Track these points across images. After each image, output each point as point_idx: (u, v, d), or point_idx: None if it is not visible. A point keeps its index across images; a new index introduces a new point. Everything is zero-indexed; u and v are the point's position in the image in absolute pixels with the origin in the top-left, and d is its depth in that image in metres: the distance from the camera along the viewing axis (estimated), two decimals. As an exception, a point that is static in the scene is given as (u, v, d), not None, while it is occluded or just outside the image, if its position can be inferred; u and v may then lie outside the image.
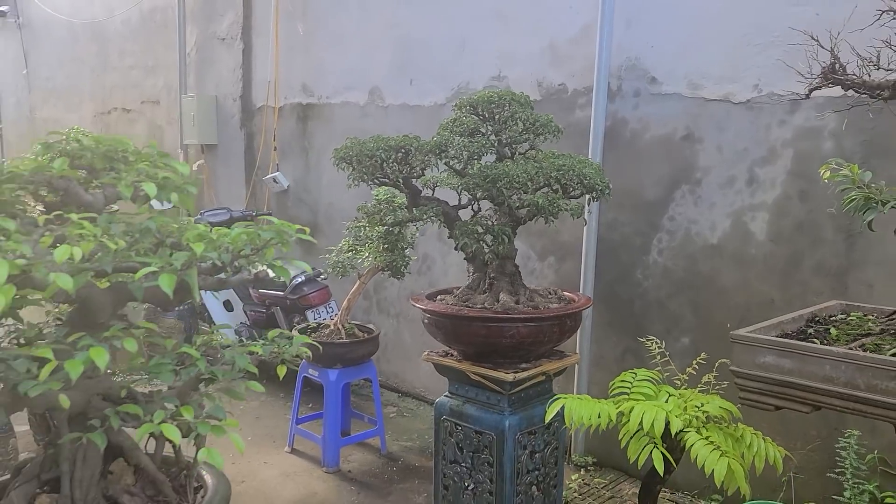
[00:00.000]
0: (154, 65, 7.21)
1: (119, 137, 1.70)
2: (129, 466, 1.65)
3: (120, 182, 1.58)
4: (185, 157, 6.72)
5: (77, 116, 8.63)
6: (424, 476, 3.82)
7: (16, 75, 10.14)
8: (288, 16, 5.51)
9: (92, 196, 1.62)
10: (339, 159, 2.75)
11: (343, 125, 5.22)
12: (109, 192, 1.65)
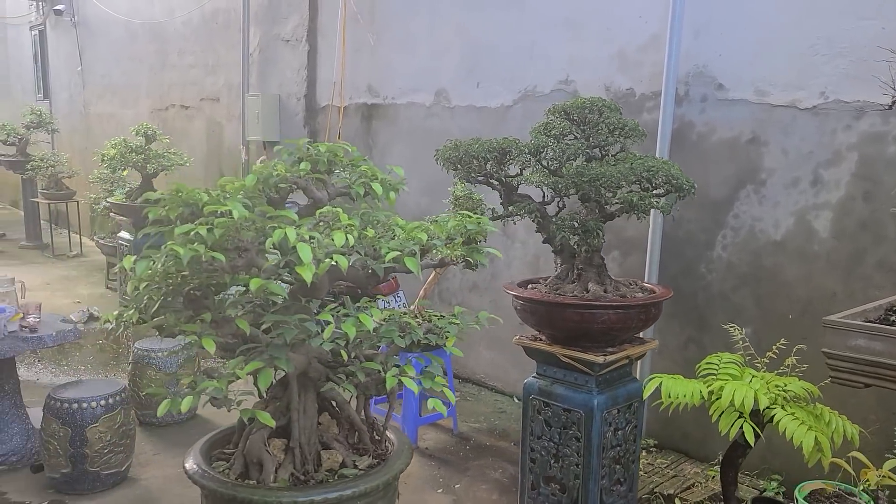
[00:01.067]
0: (215, 64, 7.51)
1: (336, 146, 1.97)
2: (333, 420, 1.93)
3: (353, 182, 1.85)
4: (247, 153, 7.02)
5: (133, 112, 8.97)
6: (496, 454, 4.09)
7: (69, 72, 10.50)
8: (354, 19, 5.78)
9: (321, 193, 1.90)
10: (444, 160, 3.01)
11: (408, 125, 5.50)
12: (331, 189, 1.92)
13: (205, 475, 1.85)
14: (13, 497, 3.49)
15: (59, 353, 5.61)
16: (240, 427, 1.94)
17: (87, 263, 9.08)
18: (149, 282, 1.71)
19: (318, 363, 1.85)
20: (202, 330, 1.62)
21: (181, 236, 1.55)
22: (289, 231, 1.52)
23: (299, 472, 1.85)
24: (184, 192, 1.67)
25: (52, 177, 9.09)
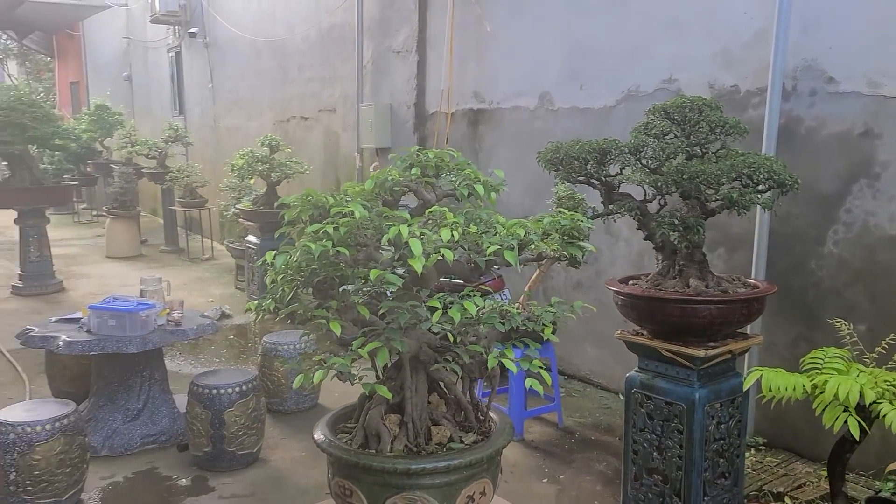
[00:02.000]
0: (331, 76, 7.97)
1: (443, 152, 2.19)
2: (441, 399, 2.15)
3: (458, 184, 2.07)
4: (361, 160, 7.41)
5: (258, 124, 9.63)
6: (601, 448, 4.18)
7: (201, 89, 11.39)
8: (461, 28, 6.02)
9: (430, 195, 2.12)
10: (545, 161, 3.16)
11: (513, 128, 5.67)
12: (439, 191, 2.15)
13: (331, 444, 2.10)
14: (163, 471, 3.93)
15: (196, 347, 6.17)
16: (360, 404, 2.19)
17: (218, 266, 9.81)
18: (284, 274, 1.98)
19: (427, 348, 2.06)
20: (329, 315, 1.87)
21: (311, 234, 1.80)
22: (402, 228, 1.73)
23: (412, 444, 2.06)
24: (313, 196, 1.92)
25: (187, 186, 9.91)
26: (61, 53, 19.67)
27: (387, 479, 1.97)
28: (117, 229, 10.26)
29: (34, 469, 3.34)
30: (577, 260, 4.37)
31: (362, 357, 1.95)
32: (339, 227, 1.81)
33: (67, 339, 3.93)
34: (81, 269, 9.45)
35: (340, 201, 1.89)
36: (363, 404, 2.16)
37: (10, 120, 7.29)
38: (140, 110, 14.40)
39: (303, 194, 2.00)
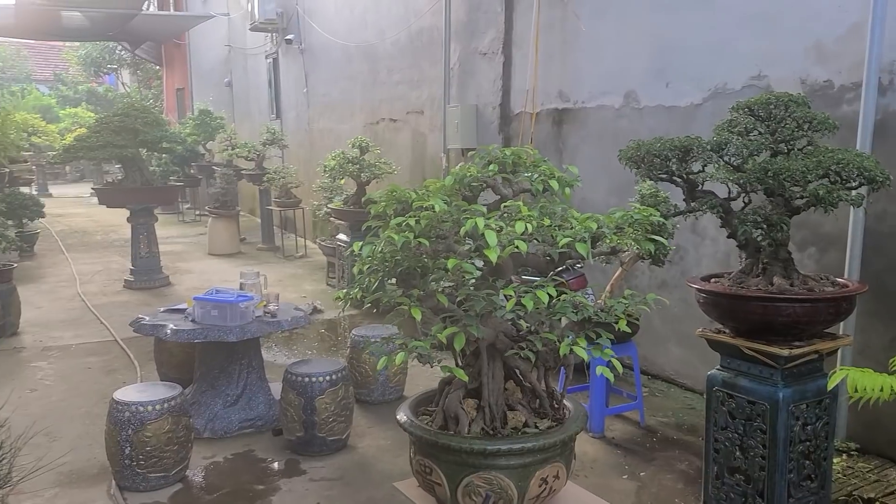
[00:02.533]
0: (419, 79, 8.18)
1: (519, 149, 2.30)
2: (517, 387, 2.26)
3: (534, 180, 2.17)
4: (447, 161, 7.57)
5: (349, 127, 9.97)
6: (683, 447, 4.16)
7: (297, 93, 11.87)
8: (546, 29, 6.07)
9: (507, 190, 2.24)
10: (627, 159, 3.19)
11: (597, 127, 5.68)
12: (516, 187, 2.26)
13: (413, 424, 2.23)
14: (259, 454, 4.19)
15: (289, 340, 6.48)
16: (440, 389, 2.32)
17: (311, 263, 10.21)
18: (370, 265, 2.12)
19: (504, 336, 2.16)
20: (411, 303, 2.00)
21: (395, 226, 1.93)
22: (478, 221, 1.84)
23: (488, 427, 2.17)
24: (397, 191, 2.06)
25: (282, 187, 10.36)
26: (168, 62, 20.89)
27: (464, 459, 2.08)
28: (218, 228, 10.84)
29: (146, 445, 3.65)
30: (660, 258, 4.37)
31: (442, 342, 2.07)
32: (420, 220, 1.93)
33: (174, 328, 4.25)
34: (185, 265, 10.04)
35: (422, 196, 2.01)
36: (443, 389, 2.29)
37: (125, 125, 7.87)
38: (240, 114, 15.13)
39: (388, 190, 2.14)
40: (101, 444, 3.89)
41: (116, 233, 12.74)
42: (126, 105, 8.15)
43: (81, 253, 10.90)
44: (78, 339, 6.47)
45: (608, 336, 2.23)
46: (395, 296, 2.09)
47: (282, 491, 3.75)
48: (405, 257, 2.06)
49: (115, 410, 3.68)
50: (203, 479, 3.89)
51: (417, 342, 2.01)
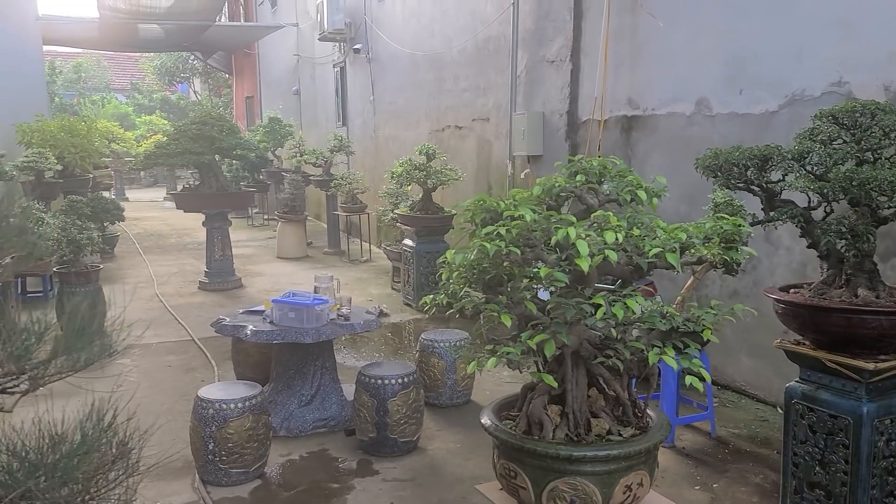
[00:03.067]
0: (485, 86, 8.25)
1: (605, 160, 2.34)
2: (600, 394, 2.30)
3: (621, 190, 2.22)
4: (513, 167, 7.62)
5: (414, 134, 10.11)
6: (757, 460, 4.09)
7: (363, 101, 12.11)
8: (615, 36, 6.06)
9: (593, 200, 2.29)
10: (704, 168, 3.18)
11: (667, 134, 5.63)
12: (601, 197, 2.30)
13: (498, 429, 2.29)
14: (333, 453, 4.31)
15: (355, 343, 6.62)
16: (522, 395, 2.37)
17: (375, 267, 10.38)
18: (458, 272, 2.19)
19: (588, 344, 2.20)
20: (500, 309, 2.05)
21: (485, 235, 2.00)
22: (570, 230, 1.89)
23: (572, 433, 2.21)
24: (485, 201, 2.12)
25: (349, 193, 10.58)
26: (238, 71, 21.56)
27: (550, 464, 2.12)
28: (287, 232, 11.14)
29: (228, 441, 3.80)
30: (734, 267, 4.31)
31: (532, 348, 2.12)
32: (511, 229, 1.99)
33: (254, 329, 4.41)
34: (256, 268, 10.35)
35: (509, 206, 2.07)
36: (525, 395, 2.34)
37: (202, 133, 8.19)
38: (307, 122, 15.50)
39: (475, 199, 2.21)
40: (183, 440, 4.06)
41: (189, 236, 13.22)
42: (203, 113, 8.48)
43: (157, 255, 11.35)
44: (157, 339, 6.76)
45: (696, 346, 2.24)
46: (481, 303, 2.15)
47: (356, 490, 3.85)
48: (492, 265, 2.12)
49: (199, 407, 3.85)
50: (280, 475, 4.03)
51: (508, 348, 2.07)
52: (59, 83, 23.87)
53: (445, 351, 4.99)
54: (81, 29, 16.25)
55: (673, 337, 2.20)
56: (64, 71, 24.68)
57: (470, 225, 2.20)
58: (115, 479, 1.41)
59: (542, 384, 2.11)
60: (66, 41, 18.33)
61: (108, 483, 1.38)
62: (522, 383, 5.41)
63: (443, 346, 5.00)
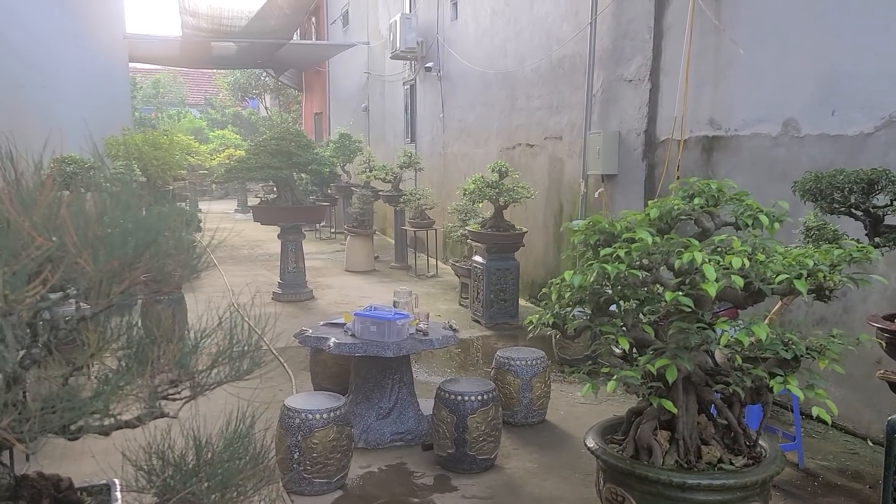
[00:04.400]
0: (559, 105, 8.25)
1: (723, 183, 2.33)
2: (709, 421, 2.27)
3: (740, 213, 2.20)
4: (586, 186, 7.58)
5: (484, 151, 10.17)
6: (849, 494, 3.94)
7: (432, 118, 12.26)
8: (697, 56, 5.99)
9: (709, 223, 2.28)
10: (803, 191, 3.12)
11: (751, 155, 5.53)
12: (717, 220, 2.29)
13: (605, 452, 2.28)
14: (411, 467, 4.35)
15: (425, 358, 6.66)
16: (627, 418, 2.35)
17: (442, 283, 10.45)
18: (571, 293, 2.20)
19: (699, 370, 2.18)
20: (616, 331, 2.06)
21: (604, 257, 2.01)
22: (696, 254, 1.88)
23: (682, 460, 2.18)
24: (599, 222, 2.13)
25: (417, 208, 10.69)
26: (308, 87, 22.11)
27: (660, 490, 2.10)
28: (356, 246, 11.32)
29: (312, 451, 3.88)
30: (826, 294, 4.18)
31: (652, 373, 2.11)
32: (630, 251, 2.00)
33: (336, 341, 4.50)
34: (325, 280, 10.54)
35: (624, 228, 2.08)
36: (630, 419, 2.32)
37: (280, 148, 8.43)
38: (375, 138, 15.76)
39: (589, 221, 2.22)
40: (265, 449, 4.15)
41: (261, 248, 13.56)
42: (282, 129, 8.73)
43: (231, 266, 11.67)
44: (235, 347, 6.92)
45: (819, 377, 2.19)
46: (594, 325, 2.16)
47: (436, 505, 3.87)
48: (604, 287, 2.12)
49: (286, 416, 3.94)
50: (361, 487, 4.08)
51: (628, 372, 2.06)
52: (139, 98, 24.93)
53: (522, 369, 4.98)
54: (163, 47, 16.97)
55: (794, 366, 2.15)
56: (144, 86, 25.77)
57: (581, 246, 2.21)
58: (254, 486, 1.47)
59: (651, 409, 2.10)
60: (149, 58, 19.16)
61: (247, 490, 1.44)
62: (595, 406, 5.37)
63: (519, 364, 4.99)
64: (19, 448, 1.12)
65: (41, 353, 1.20)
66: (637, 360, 2.07)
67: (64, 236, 1.03)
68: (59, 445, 4.34)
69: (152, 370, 1.33)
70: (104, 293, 1.15)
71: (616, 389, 4.53)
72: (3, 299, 0.97)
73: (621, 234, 2.06)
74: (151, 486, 1.35)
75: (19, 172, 1.17)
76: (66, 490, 1.43)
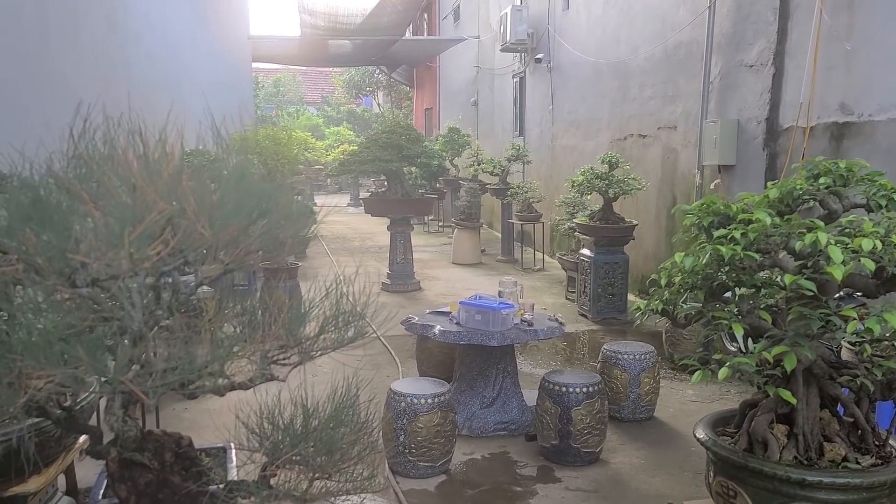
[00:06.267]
0: (673, 94, 7.96)
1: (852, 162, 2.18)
2: (832, 416, 2.14)
3: (872, 194, 2.06)
4: (701, 177, 7.28)
5: (594, 143, 9.97)
6: None
7: (541, 111, 12.15)
8: (827, 38, 5.61)
9: (836, 205, 2.15)
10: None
11: (888, 142, 5.12)
12: (846, 202, 2.15)
13: (716, 444, 2.19)
14: (513, 456, 4.34)
15: (529, 350, 6.62)
16: (740, 411, 2.24)
17: (548, 277, 10.34)
18: (681, 277, 2.12)
19: (822, 361, 2.04)
20: (731, 317, 1.96)
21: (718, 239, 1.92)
22: (820, 235, 1.76)
23: (802, 456, 2.05)
24: (714, 203, 2.04)
25: (524, 201, 10.64)
26: (419, 83, 22.45)
27: (777, 487, 1.99)
28: (463, 239, 11.40)
29: (417, 435, 3.94)
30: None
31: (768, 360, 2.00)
32: (747, 233, 1.89)
33: (441, 329, 4.55)
34: (432, 272, 10.68)
35: (740, 209, 1.97)
36: (744, 411, 2.21)
37: (391, 141, 8.61)
38: (483, 132, 15.80)
39: (702, 202, 2.12)
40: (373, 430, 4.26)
41: (371, 239, 13.92)
42: (392, 123, 8.91)
43: (342, 256, 12.05)
44: (346, 334, 7.15)
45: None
46: (706, 311, 2.06)
47: (539, 496, 3.85)
48: (723, 271, 2.02)
49: (392, 400, 4.03)
50: (464, 473, 4.12)
51: (742, 359, 1.96)
52: (261, 96, 26.18)
53: (629, 363, 4.85)
54: (283, 46, 17.73)
55: (930, 359, 1.97)
56: (265, 85, 27.01)
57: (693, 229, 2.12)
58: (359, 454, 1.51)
59: (767, 401, 1.98)
60: (270, 58, 20.07)
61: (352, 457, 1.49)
62: (707, 404, 5.15)
63: (627, 359, 4.87)
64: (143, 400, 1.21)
65: (164, 315, 1.30)
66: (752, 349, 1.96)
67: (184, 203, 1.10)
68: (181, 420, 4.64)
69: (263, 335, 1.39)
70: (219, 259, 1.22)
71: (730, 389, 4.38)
72: (129, 257, 1.05)
73: (737, 216, 1.95)
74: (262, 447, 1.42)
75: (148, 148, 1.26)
76: (186, 447, 1.53)
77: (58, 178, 1.22)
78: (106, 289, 1.14)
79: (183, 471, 1.46)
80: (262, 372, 1.44)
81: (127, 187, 1.10)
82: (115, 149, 1.21)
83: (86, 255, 1.05)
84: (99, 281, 1.13)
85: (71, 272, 1.11)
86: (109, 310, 1.18)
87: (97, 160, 1.18)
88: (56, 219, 1.09)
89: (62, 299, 1.17)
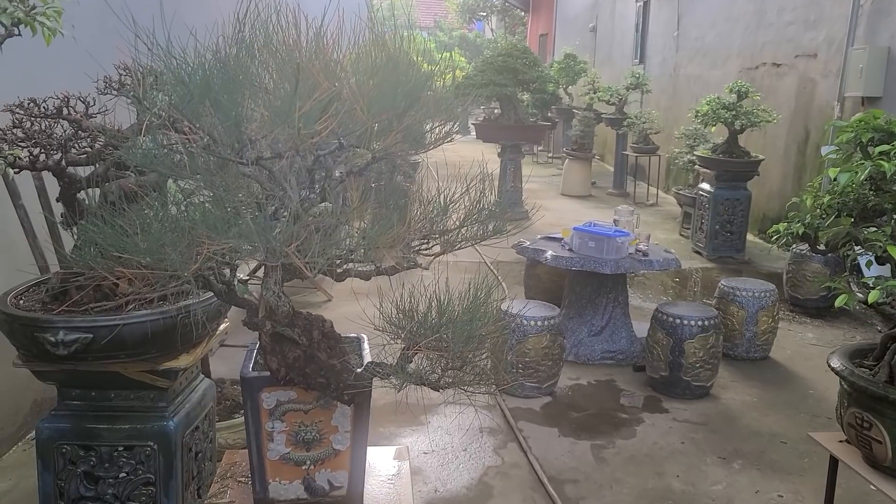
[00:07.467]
0: (816, 18, 7.34)
1: None
2: None
3: None
4: (841, 111, 6.76)
5: (720, 73, 9.41)
6: None
7: (665, 37, 11.53)
8: None
9: None
10: None
11: None
12: None
13: (853, 374, 2.09)
14: (620, 385, 4.33)
15: (639, 283, 6.50)
16: (883, 342, 2.13)
17: (662, 212, 10.03)
18: (832, 198, 2.00)
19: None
20: (886, 239, 1.84)
21: (879, 155, 1.78)
22: None
23: (945, 392, 1.94)
24: (875, 117, 1.89)
25: (641, 132, 10.25)
26: (535, 8, 21.75)
27: (916, 420, 1.89)
28: (573, 170, 11.18)
29: (525, 356, 4.00)
30: None
31: None
32: (911, 150, 1.75)
33: (553, 254, 4.53)
34: (541, 202, 10.55)
35: (907, 125, 1.82)
36: (885, 343, 2.10)
37: (507, 65, 8.45)
38: (601, 59, 15.21)
39: (862, 115, 1.97)
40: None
41: (478, 167, 13.89)
42: (509, 45, 8.71)
43: (450, 183, 12.12)
44: (454, 258, 7.26)
45: None
46: (861, 232, 1.93)
47: (645, 424, 3.84)
48: (879, 192, 1.89)
49: (502, 319, 4.08)
50: (569, 396, 4.16)
51: (893, 282, 1.84)
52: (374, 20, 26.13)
53: (747, 300, 4.68)
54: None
55: None
56: (381, 9, 26.94)
57: (849, 146, 1.96)
58: (492, 341, 1.55)
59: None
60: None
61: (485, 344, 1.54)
62: (829, 348, 4.91)
63: (745, 295, 4.69)
64: (305, 273, 1.29)
65: (318, 198, 1.36)
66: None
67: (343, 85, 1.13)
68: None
69: (408, 225, 1.43)
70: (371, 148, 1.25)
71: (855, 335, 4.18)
72: (297, 133, 1.10)
73: (902, 131, 1.80)
74: (400, 335, 1.49)
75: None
76: (329, 330, 1.63)
77: (225, 60, 1.28)
78: (267, 168, 1.20)
79: (328, 349, 1.56)
80: (406, 259, 1.49)
81: (292, 70, 1.14)
82: (280, 32, 1.25)
83: (255, 133, 1.10)
84: (262, 159, 1.19)
85: (240, 147, 1.18)
86: (270, 189, 1.24)
87: (263, 40, 1.22)
88: (225, 99, 1.15)
89: (231, 177, 1.25)
